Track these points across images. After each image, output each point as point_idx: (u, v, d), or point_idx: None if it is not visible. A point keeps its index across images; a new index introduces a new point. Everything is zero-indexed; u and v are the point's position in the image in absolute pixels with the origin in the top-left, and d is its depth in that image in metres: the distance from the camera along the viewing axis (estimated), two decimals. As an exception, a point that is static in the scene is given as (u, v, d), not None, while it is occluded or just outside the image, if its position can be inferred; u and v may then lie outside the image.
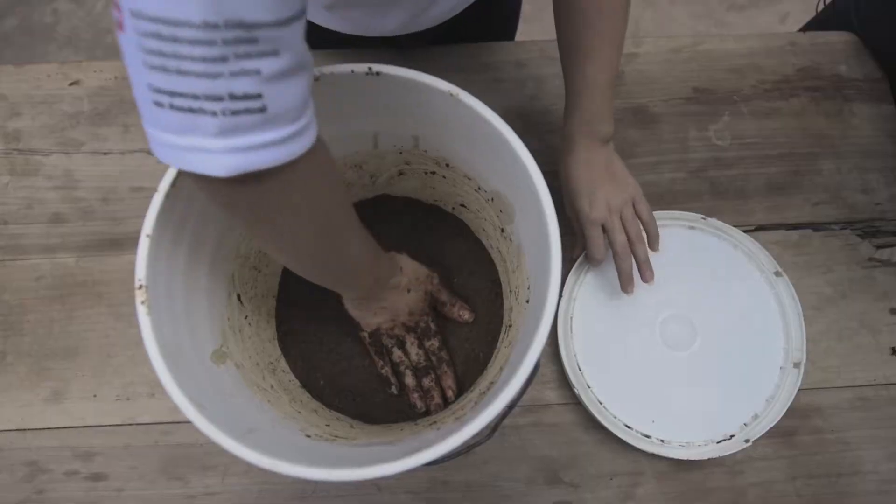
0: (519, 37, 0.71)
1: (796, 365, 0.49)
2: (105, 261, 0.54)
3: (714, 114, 0.60)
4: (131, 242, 0.33)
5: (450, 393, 0.48)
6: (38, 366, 0.51)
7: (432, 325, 0.49)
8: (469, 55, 0.59)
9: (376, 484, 0.49)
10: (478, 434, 0.31)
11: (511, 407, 0.33)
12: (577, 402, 0.51)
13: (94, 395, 0.51)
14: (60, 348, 0.52)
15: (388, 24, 0.54)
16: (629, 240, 0.49)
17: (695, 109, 0.60)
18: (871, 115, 0.60)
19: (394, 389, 0.48)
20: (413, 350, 0.49)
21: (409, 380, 0.48)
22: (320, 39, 0.55)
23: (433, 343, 0.49)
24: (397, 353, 0.49)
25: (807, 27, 0.71)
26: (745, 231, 0.54)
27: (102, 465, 0.49)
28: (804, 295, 0.53)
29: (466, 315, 0.50)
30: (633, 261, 0.49)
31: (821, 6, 0.69)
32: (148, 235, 0.34)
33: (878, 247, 0.56)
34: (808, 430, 0.51)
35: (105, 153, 0.57)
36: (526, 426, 0.51)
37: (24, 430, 0.50)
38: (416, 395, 0.48)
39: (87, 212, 0.55)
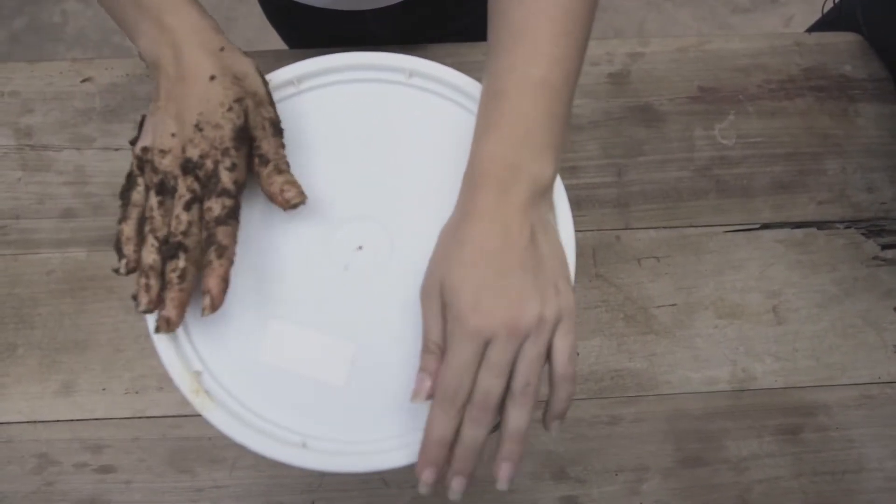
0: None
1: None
2: (115, 255, 0.54)
3: (719, 113, 0.60)
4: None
5: (207, 302, 0.30)
6: (48, 359, 0.52)
7: (226, 174, 0.30)
8: (464, 54, 0.60)
9: (383, 478, 0.50)
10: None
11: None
12: (582, 398, 0.51)
13: (104, 389, 0.51)
14: (70, 341, 0.52)
15: None
16: (510, 393, 0.29)
17: (700, 108, 0.60)
18: (876, 115, 0.60)
19: (121, 267, 0.31)
20: (178, 208, 0.30)
21: (148, 255, 0.30)
22: (296, 32, 0.54)
23: (216, 205, 0.30)
24: (151, 204, 0.30)
25: (812, 28, 0.72)
26: (749, 230, 0.55)
27: (111, 457, 0.50)
28: (809, 293, 0.54)
29: (291, 194, 0.31)
30: (485, 432, 0.30)
31: (828, 6, 0.70)
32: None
33: (883, 246, 0.56)
34: (813, 427, 0.51)
35: (116, 149, 0.57)
36: (532, 422, 0.51)
37: (34, 422, 0.50)
38: (144, 281, 0.30)
39: (98, 207, 0.56)
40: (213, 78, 0.31)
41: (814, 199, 0.57)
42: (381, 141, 0.37)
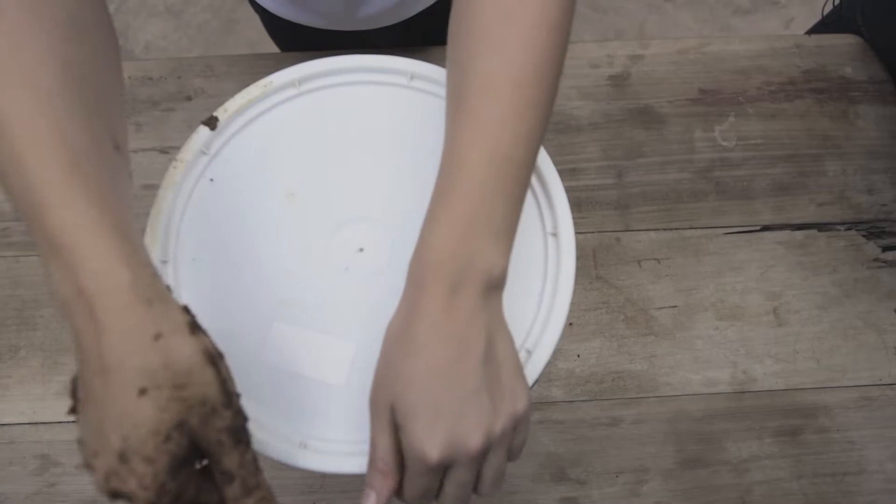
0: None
1: (529, 351, 0.34)
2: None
3: (720, 115, 0.60)
4: (144, 237, 0.34)
5: None
6: (50, 360, 0.52)
7: None
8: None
9: (383, 479, 0.50)
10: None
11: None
12: (583, 400, 0.51)
13: (106, 390, 0.51)
14: (73, 343, 0.52)
15: (370, 8, 0.51)
16: (478, 492, 0.28)
17: (700, 110, 0.60)
18: (876, 117, 0.60)
19: None
20: None
21: None
22: (290, 42, 0.55)
23: None
24: None
25: (812, 31, 0.72)
26: (750, 231, 0.55)
27: (113, 458, 0.50)
28: (809, 295, 0.54)
29: None
30: None
31: (828, 8, 0.70)
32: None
33: (884, 247, 0.56)
34: (814, 429, 0.51)
35: (118, 151, 0.58)
36: (532, 423, 0.51)
37: (36, 423, 0.50)
38: None
39: (100, 209, 0.56)
40: (143, 392, 0.23)
41: (814, 201, 0.57)
42: (383, 143, 0.37)
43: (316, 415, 0.33)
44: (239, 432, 0.25)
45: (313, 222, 0.36)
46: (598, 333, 0.53)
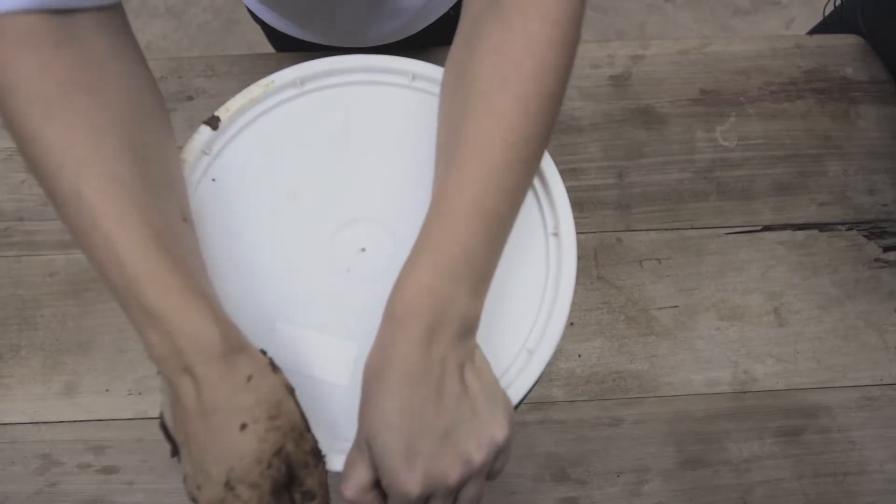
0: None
1: (530, 351, 0.33)
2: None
3: (721, 115, 0.60)
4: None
5: None
6: (51, 360, 0.52)
7: None
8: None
9: (385, 479, 0.50)
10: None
11: (518, 404, 0.34)
12: (583, 400, 0.51)
13: (107, 390, 0.51)
14: (73, 343, 0.52)
15: (377, 30, 0.53)
16: None
17: (701, 111, 0.60)
18: (877, 117, 0.60)
19: None
20: None
21: None
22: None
23: None
24: None
25: (813, 31, 0.72)
26: (750, 232, 0.55)
27: (114, 458, 0.50)
28: (810, 295, 0.54)
29: None
30: None
31: (829, 9, 0.70)
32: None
33: (885, 248, 0.56)
34: (815, 429, 0.51)
35: (119, 151, 0.58)
36: (533, 423, 0.51)
37: (38, 423, 0.51)
38: None
39: (101, 209, 0.56)
40: (244, 427, 0.26)
41: (815, 201, 0.57)
42: (385, 143, 0.37)
43: (319, 414, 0.33)
44: (318, 453, 0.28)
45: (315, 222, 0.36)
46: (599, 333, 0.53)
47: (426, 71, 0.38)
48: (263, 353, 0.29)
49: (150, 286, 0.26)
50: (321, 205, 0.36)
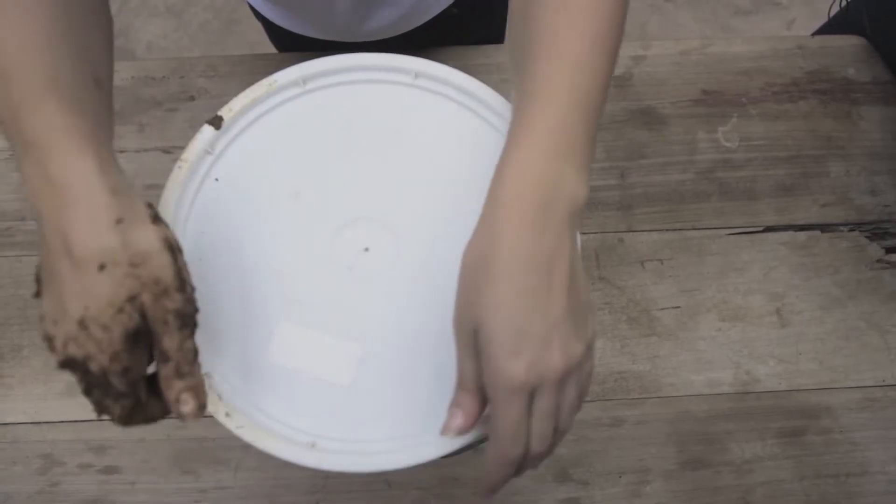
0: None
1: None
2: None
3: (722, 116, 0.60)
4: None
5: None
6: (52, 360, 0.52)
7: (117, 379, 0.26)
8: (469, 56, 0.60)
9: (386, 479, 0.50)
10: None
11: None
12: (585, 400, 0.51)
13: (108, 390, 0.51)
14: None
15: (374, 22, 0.53)
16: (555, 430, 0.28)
17: (703, 111, 0.60)
18: (879, 118, 0.60)
19: None
20: (94, 404, 0.27)
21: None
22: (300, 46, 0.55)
23: (115, 407, 0.27)
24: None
25: (818, 33, 0.72)
26: (752, 232, 0.55)
27: (115, 458, 0.50)
28: (812, 296, 0.54)
29: (188, 408, 0.27)
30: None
31: (835, 9, 0.70)
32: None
33: (887, 249, 0.56)
34: (817, 430, 0.51)
35: (120, 151, 0.58)
36: (535, 423, 0.51)
37: (39, 423, 0.50)
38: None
39: (103, 208, 0.56)
40: (102, 267, 0.25)
41: (817, 202, 0.57)
42: (387, 142, 0.37)
43: (323, 415, 0.33)
44: (186, 319, 0.27)
45: (318, 222, 0.36)
46: (600, 334, 0.53)
47: (429, 69, 0.38)
48: (150, 205, 0.28)
49: (30, 116, 0.26)
50: (323, 204, 0.36)
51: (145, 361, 0.28)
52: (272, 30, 0.66)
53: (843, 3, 0.68)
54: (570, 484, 0.50)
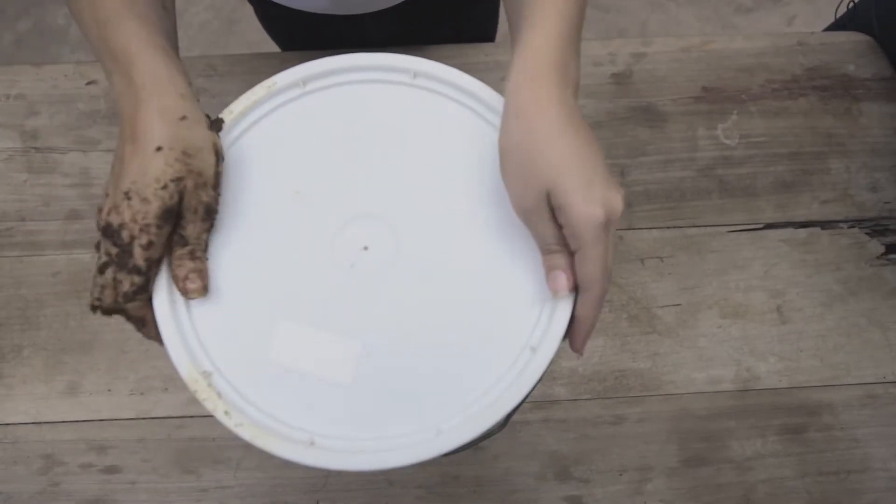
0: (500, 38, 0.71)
1: (533, 349, 0.33)
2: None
3: (722, 113, 0.60)
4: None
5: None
6: (53, 359, 0.52)
7: (139, 251, 0.30)
8: (468, 55, 0.60)
9: (387, 478, 0.50)
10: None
11: (521, 402, 0.34)
12: (586, 399, 0.51)
13: (109, 389, 0.51)
14: (76, 342, 0.52)
15: None
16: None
17: (703, 108, 0.60)
18: (879, 114, 0.60)
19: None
20: (95, 268, 0.30)
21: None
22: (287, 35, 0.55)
23: (125, 281, 0.30)
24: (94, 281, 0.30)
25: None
26: (753, 229, 0.55)
27: (116, 458, 0.50)
28: (813, 293, 0.54)
29: (194, 286, 0.31)
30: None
31: (842, 10, 0.69)
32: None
33: (888, 245, 0.56)
34: (818, 426, 0.51)
35: (120, 151, 0.58)
36: (536, 422, 0.51)
37: (40, 423, 0.51)
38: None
39: (103, 208, 0.56)
40: (158, 149, 0.30)
41: (817, 199, 0.57)
42: (386, 141, 0.37)
43: (323, 412, 0.33)
44: (211, 214, 0.32)
45: (319, 221, 0.36)
46: (601, 332, 0.53)
47: (428, 68, 0.38)
48: (208, 116, 0.33)
49: (117, 33, 0.31)
50: (324, 203, 0.36)
51: (164, 248, 0.31)
52: (264, 12, 0.65)
53: (851, 3, 0.68)
54: (571, 482, 0.50)
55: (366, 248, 0.35)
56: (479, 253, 0.35)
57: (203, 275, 0.32)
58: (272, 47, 0.73)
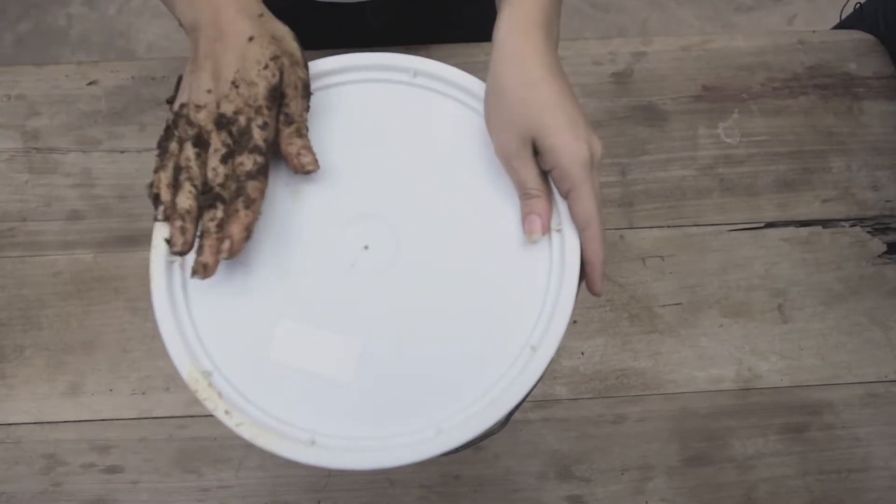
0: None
1: (533, 348, 0.33)
2: (121, 257, 0.55)
3: (723, 111, 0.60)
4: (147, 239, 0.34)
5: (226, 246, 0.31)
6: (55, 360, 0.52)
7: (258, 132, 0.31)
8: (468, 54, 0.60)
9: (388, 478, 0.50)
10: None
11: (522, 401, 0.34)
12: (587, 398, 0.51)
13: (111, 389, 0.51)
14: (78, 342, 0.52)
15: None
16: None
17: (704, 107, 0.60)
18: (881, 113, 0.60)
19: (158, 214, 0.32)
20: (214, 160, 0.31)
21: (184, 200, 0.31)
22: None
23: (247, 161, 0.31)
24: (187, 155, 0.32)
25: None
26: (754, 228, 0.55)
27: (118, 457, 0.50)
28: (814, 291, 0.54)
29: (308, 160, 0.33)
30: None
31: (847, 11, 0.69)
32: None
33: (889, 243, 0.56)
34: (819, 425, 0.51)
35: (122, 151, 0.58)
36: (537, 421, 0.51)
37: (42, 422, 0.51)
38: (179, 224, 0.31)
39: (105, 209, 0.56)
40: (251, 38, 0.33)
41: (818, 198, 0.57)
42: (387, 141, 0.37)
43: (323, 412, 0.33)
44: (307, 87, 0.34)
45: (319, 220, 0.36)
46: (602, 331, 0.53)
47: (427, 68, 0.38)
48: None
49: None
50: (324, 203, 0.36)
51: (276, 127, 0.33)
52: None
53: (858, 4, 0.67)
54: (572, 481, 0.50)
55: (366, 248, 0.35)
56: (480, 252, 0.35)
57: (312, 150, 0.33)
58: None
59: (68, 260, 0.55)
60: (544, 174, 0.34)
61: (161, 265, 0.34)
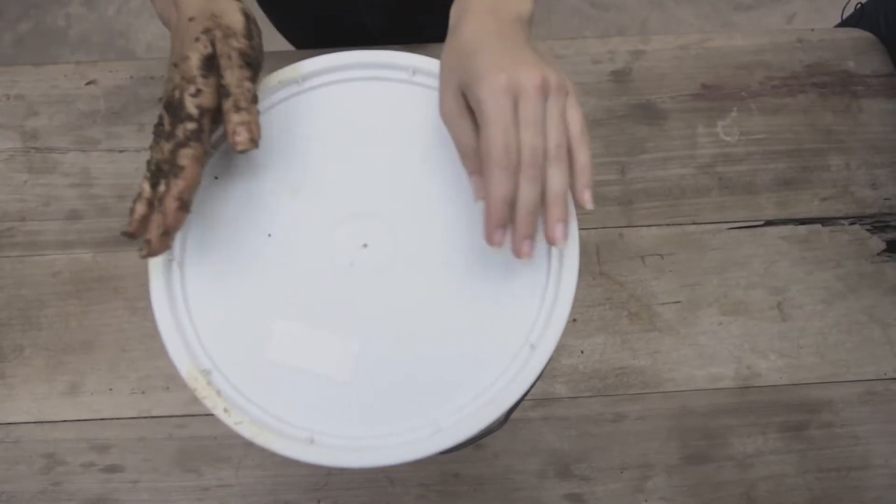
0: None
1: (533, 346, 0.33)
2: (120, 256, 0.55)
3: (722, 110, 0.60)
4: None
5: (158, 220, 0.31)
6: (54, 359, 0.52)
7: (189, 100, 0.31)
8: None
9: (388, 477, 0.50)
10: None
11: (521, 399, 0.34)
12: (586, 396, 0.51)
13: (110, 389, 0.51)
14: (77, 342, 0.52)
15: None
16: (547, 157, 0.30)
17: (703, 106, 0.60)
18: (879, 111, 0.60)
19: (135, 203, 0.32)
20: (161, 141, 0.32)
21: (142, 185, 0.32)
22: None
23: (179, 131, 0.31)
24: (153, 145, 0.32)
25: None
26: (753, 227, 0.55)
27: (118, 457, 0.50)
28: (813, 290, 0.54)
29: (241, 138, 0.31)
30: (539, 191, 0.31)
31: (849, 11, 0.69)
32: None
33: (888, 241, 0.56)
34: (819, 424, 0.51)
35: (121, 151, 0.58)
36: (536, 419, 0.51)
37: (42, 422, 0.51)
38: (132, 207, 0.31)
39: (103, 208, 0.56)
40: (191, 19, 0.33)
41: (818, 196, 0.57)
42: (385, 138, 0.37)
43: (322, 410, 0.33)
44: (248, 60, 0.33)
45: (317, 219, 0.36)
46: (601, 329, 0.53)
47: (427, 66, 0.38)
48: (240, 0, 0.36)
49: None
50: (322, 201, 0.36)
51: (214, 95, 0.32)
52: (282, 21, 0.66)
53: (858, 4, 0.67)
54: (571, 479, 0.50)
55: (365, 246, 0.35)
56: (479, 250, 0.35)
57: (250, 127, 0.32)
58: (272, 46, 0.73)
59: (67, 260, 0.55)
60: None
61: (160, 265, 0.34)
